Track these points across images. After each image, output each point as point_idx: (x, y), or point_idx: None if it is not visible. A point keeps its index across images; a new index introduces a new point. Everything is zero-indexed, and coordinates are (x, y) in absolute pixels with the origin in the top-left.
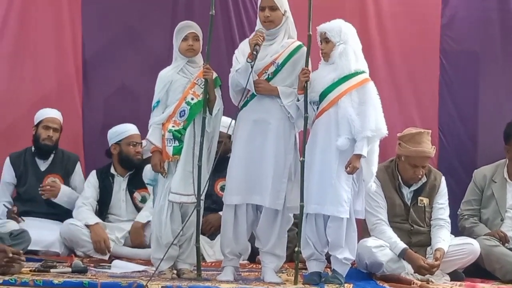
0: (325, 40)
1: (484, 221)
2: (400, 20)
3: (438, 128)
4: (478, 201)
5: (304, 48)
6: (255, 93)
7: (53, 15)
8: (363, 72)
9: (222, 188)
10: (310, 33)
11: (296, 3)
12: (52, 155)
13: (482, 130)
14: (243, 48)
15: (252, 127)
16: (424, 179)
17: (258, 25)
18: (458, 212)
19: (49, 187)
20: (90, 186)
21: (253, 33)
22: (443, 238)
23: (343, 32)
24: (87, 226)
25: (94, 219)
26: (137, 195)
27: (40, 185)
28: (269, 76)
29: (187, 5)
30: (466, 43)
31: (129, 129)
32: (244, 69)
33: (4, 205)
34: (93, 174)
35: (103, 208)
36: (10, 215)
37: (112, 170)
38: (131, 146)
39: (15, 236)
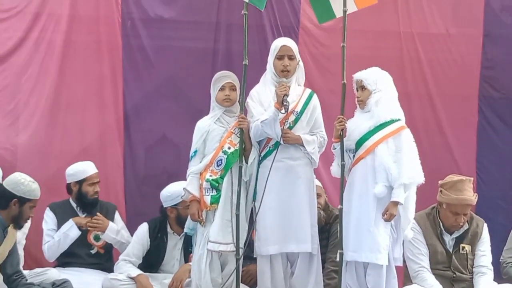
0: (361, 87)
1: None
2: (439, 66)
3: (476, 174)
4: None
5: (316, 96)
6: (281, 143)
7: (94, 65)
8: (399, 119)
9: None
10: (345, 81)
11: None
12: None
13: None
14: (258, 98)
15: (282, 176)
16: (466, 226)
17: (270, 72)
18: (500, 260)
19: (97, 221)
20: (138, 242)
21: (258, 82)
22: (486, 285)
23: (379, 80)
24: (131, 278)
25: (137, 271)
26: None
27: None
28: (291, 125)
29: (227, 56)
30: (505, 90)
31: None
32: (272, 119)
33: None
34: (144, 228)
35: (153, 265)
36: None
37: (169, 229)
38: None
39: (57, 286)
